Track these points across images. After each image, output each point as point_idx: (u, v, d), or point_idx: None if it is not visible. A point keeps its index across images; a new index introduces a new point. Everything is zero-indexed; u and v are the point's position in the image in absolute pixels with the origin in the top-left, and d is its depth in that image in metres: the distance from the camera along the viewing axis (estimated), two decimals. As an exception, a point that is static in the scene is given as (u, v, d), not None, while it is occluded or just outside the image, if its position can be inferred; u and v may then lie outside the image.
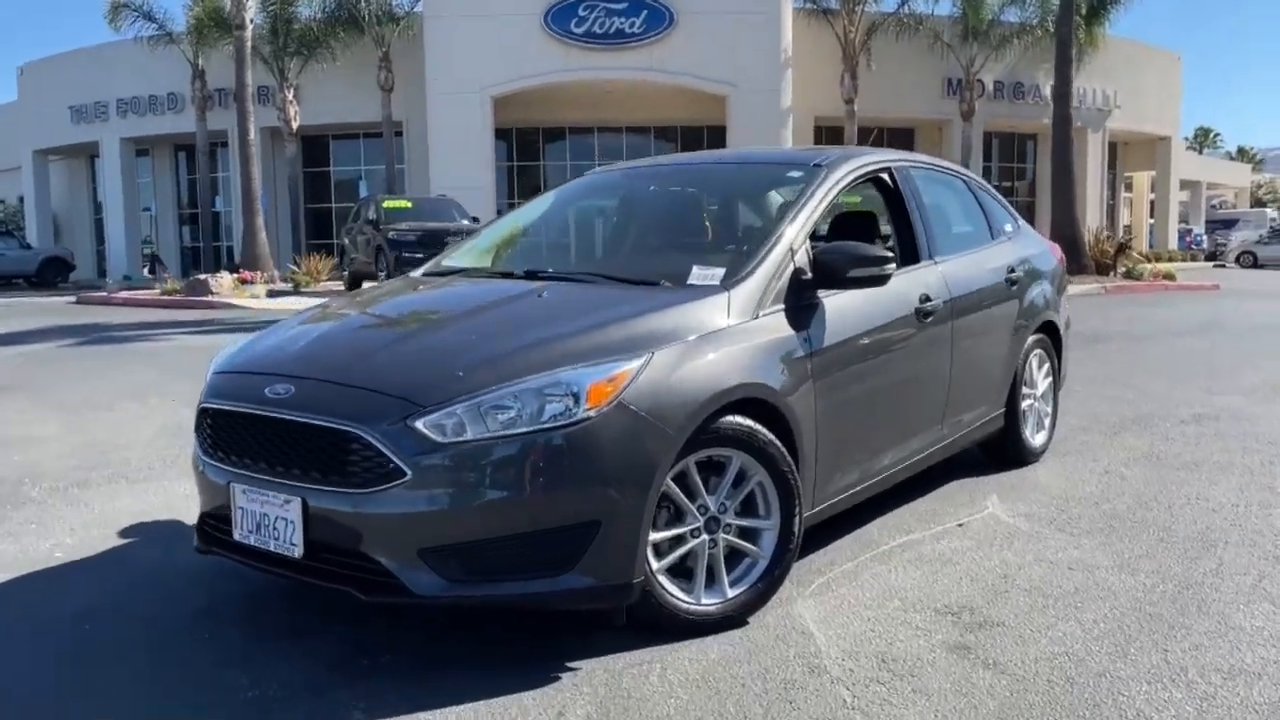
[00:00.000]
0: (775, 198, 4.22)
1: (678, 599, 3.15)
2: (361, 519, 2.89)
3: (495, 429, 2.86)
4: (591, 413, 2.89)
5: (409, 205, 20.49)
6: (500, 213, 32.02)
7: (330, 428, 2.95)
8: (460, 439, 2.85)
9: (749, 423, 3.24)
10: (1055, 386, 5.62)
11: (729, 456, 3.23)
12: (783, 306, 3.52)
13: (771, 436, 3.30)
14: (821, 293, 3.66)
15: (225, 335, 12.97)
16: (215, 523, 3.36)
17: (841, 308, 3.73)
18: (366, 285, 19.71)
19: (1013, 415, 5.10)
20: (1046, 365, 5.46)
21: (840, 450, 3.66)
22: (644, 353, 3.05)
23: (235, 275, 20.97)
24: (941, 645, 3.13)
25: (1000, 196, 5.64)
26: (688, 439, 3.05)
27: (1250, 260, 37.53)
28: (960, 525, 4.34)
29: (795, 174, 4.19)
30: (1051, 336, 5.51)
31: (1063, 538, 4.16)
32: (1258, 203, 60.20)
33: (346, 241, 21.80)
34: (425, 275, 4.28)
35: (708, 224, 4.38)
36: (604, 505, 2.91)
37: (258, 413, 3.12)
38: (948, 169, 5.11)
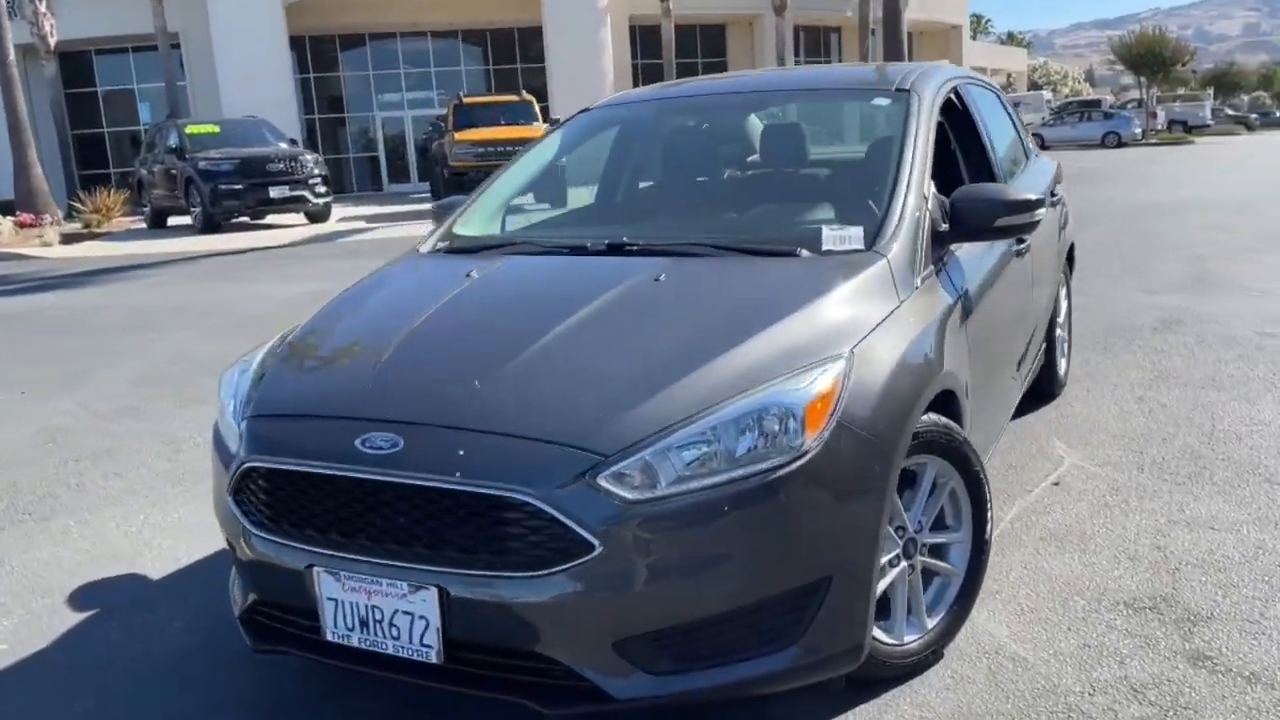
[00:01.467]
0: (863, 132, 3.59)
1: (881, 642, 2.58)
2: (533, 610, 2.16)
3: (696, 476, 2.17)
4: (811, 441, 2.24)
5: (216, 130, 18.48)
6: (310, 133, 29.81)
7: (477, 493, 2.19)
8: (653, 495, 2.15)
9: (945, 421, 2.68)
10: (1070, 310, 5.32)
11: (923, 464, 2.66)
12: (933, 270, 2.95)
13: (964, 433, 2.76)
14: (953, 246, 3.12)
15: (36, 296, 11.27)
16: (278, 613, 2.54)
17: (970, 260, 3.20)
18: (175, 222, 17.75)
19: (1050, 346, 4.76)
20: (1065, 288, 5.14)
21: (976, 423, 3.15)
22: (840, 352, 2.42)
23: (14, 220, 18.46)
24: (1179, 657, 2.71)
25: (1008, 106, 5.18)
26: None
27: (1039, 142, 39.47)
28: (1055, 484, 3.96)
29: (881, 101, 3.54)
30: (1069, 256, 5.19)
31: (1170, 488, 3.84)
32: (1033, 86, 63.36)
33: (144, 173, 19.54)
34: (450, 251, 3.43)
35: (794, 169, 3.69)
36: (835, 556, 2.30)
37: (354, 475, 2.31)
38: (985, 82, 4.57)
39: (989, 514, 2.82)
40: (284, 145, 18.62)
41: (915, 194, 3.04)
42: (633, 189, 3.79)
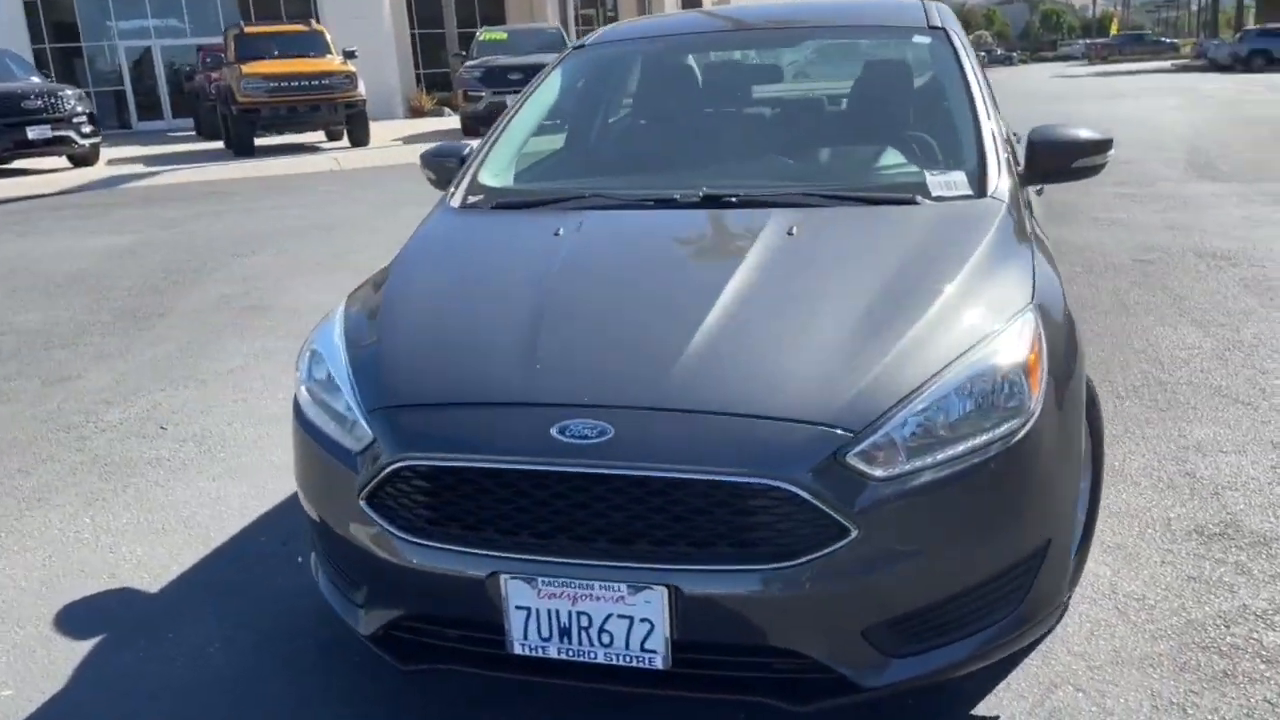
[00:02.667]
0: (913, 70, 3.48)
1: None
2: (781, 603, 1.97)
3: (936, 448, 2.03)
4: (1035, 401, 2.15)
5: None
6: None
7: (720, 481, 1.97)
8: (900, 471, 1.99)
9: None
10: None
11: (1079, 412, 2.63)
12: (1029, 213, 2.92)
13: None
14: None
15: None
16: (434, 628, 2.23)
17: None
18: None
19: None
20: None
21: None
22: (1025, 305, 2.34)
23: None
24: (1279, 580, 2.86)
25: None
26: None
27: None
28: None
29: (922, 39, 3.45)
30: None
31: (1159, 415, 4.05)
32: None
33: None
34: (501, 206, 3.08)
35: (855, 108, 3.52)
36: (1055, 516, 2.23)
37: (559, 469, 2.02)
38: None
39: (1103, 458, 2.84)
40: (36, 79, 16.59)
41: (1000, 136, 2.99)
42: (677, 131, 3.52)
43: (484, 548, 2.08)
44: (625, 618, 2.02)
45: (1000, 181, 2.81)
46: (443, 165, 3.51)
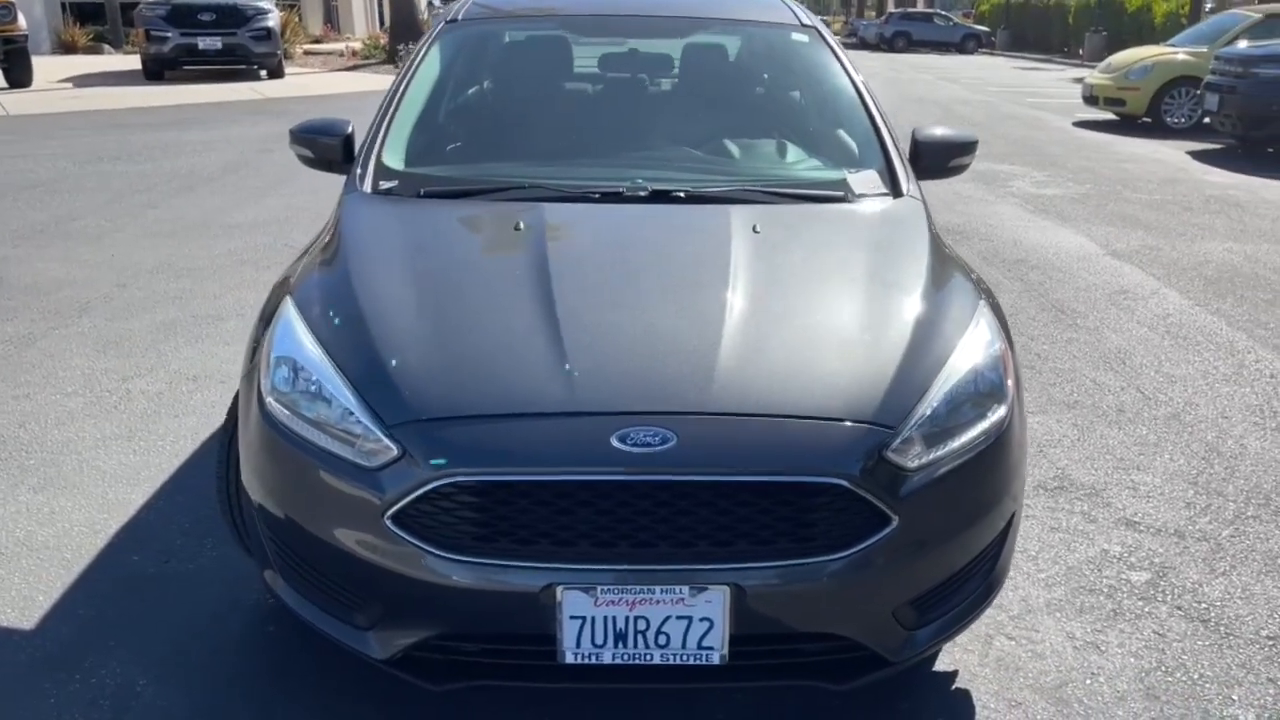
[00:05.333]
0: (790, 66, 3.64)
1: None
2: (831, 591, 2.10)
3: (948, 438, 2.24)
4: (1009, 387, 2.42)
5: None
6: None
7: (785, 482, 2.06)
8: (925, 461, 2.17)
9: None
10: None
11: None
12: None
13: None
14: None
15: None
16: (459, 645, 2.17)
17: None
18: None
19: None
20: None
21: None
22: (978, 299, 2.60)
23: None
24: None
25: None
26: None
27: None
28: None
29: (799, 37, 3.63)
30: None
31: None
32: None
33: None
34: (428, 195, 2.92)
35: (746, 102, 3.60)
36: (1018, 490, 2.51)
37: (625, 479, 2.03)
38: None
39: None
40: None
41: (891, 137, 3.24)
42: (582, 117, 3.46)
43: (539, 560, 2.05)
44: (684, 618, 2.07)
45: (910, 182, 3.06)
46: (318, 143, 3.29)
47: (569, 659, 2.09)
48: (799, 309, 2.46)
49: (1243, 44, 12.90)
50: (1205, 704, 2.50)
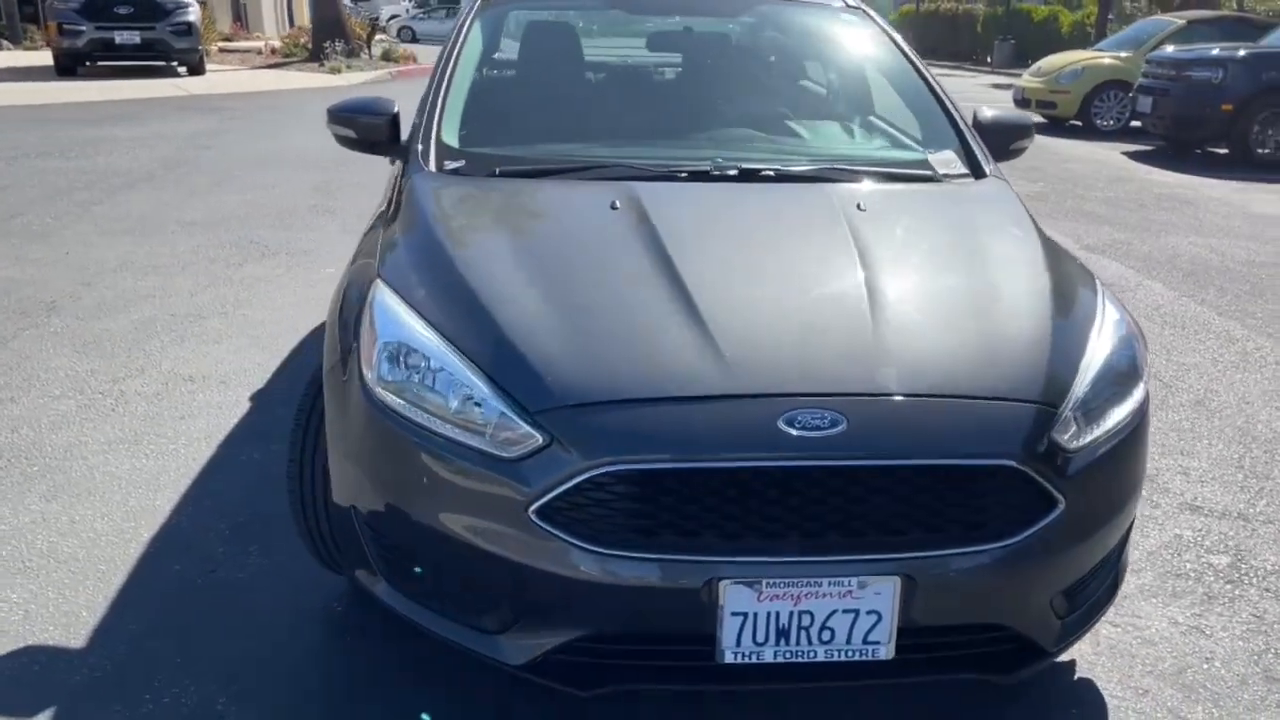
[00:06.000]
0: (855, 49, 3.56)
1: None
2: (999, 579, 2.01)
3: (1102, 421, 2.16)
4: (1145, 369, 2.36)
5: None
6: None
7: (961, 466, 1.96)
8: (1083, 443, 2.09)
9: None
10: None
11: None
12: None
13: None
14: None
15: None
16: (607, 647, 2.02)
17: None
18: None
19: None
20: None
21: None
22: (1092, 279, 2.56)
23: None
24: None
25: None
26: None
27: (411, 35, 39.88)
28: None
29: (849, 17, 3.55)
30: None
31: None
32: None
33: None
34: (503, 174, 2.75)
35: (805, 82, 3.50)
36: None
37: (794, 464, 1.90)
38: None
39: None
40: None
41: (960, 118, 3.18)
42: (646, 95, 3.32)
43: (701, 554, 1.92)
44: (850, 612, 1.96)
45: (990, 163, 3.00)
46: (362, 122, 3.09)
47: (728, 658, 1.97)
48: (935, 288, 2.38)
49: (1169, 49, 13.30)
50: (1324, 685, 2.48)
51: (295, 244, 6.52)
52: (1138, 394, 2.25)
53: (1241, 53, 11.83)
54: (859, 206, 2.62)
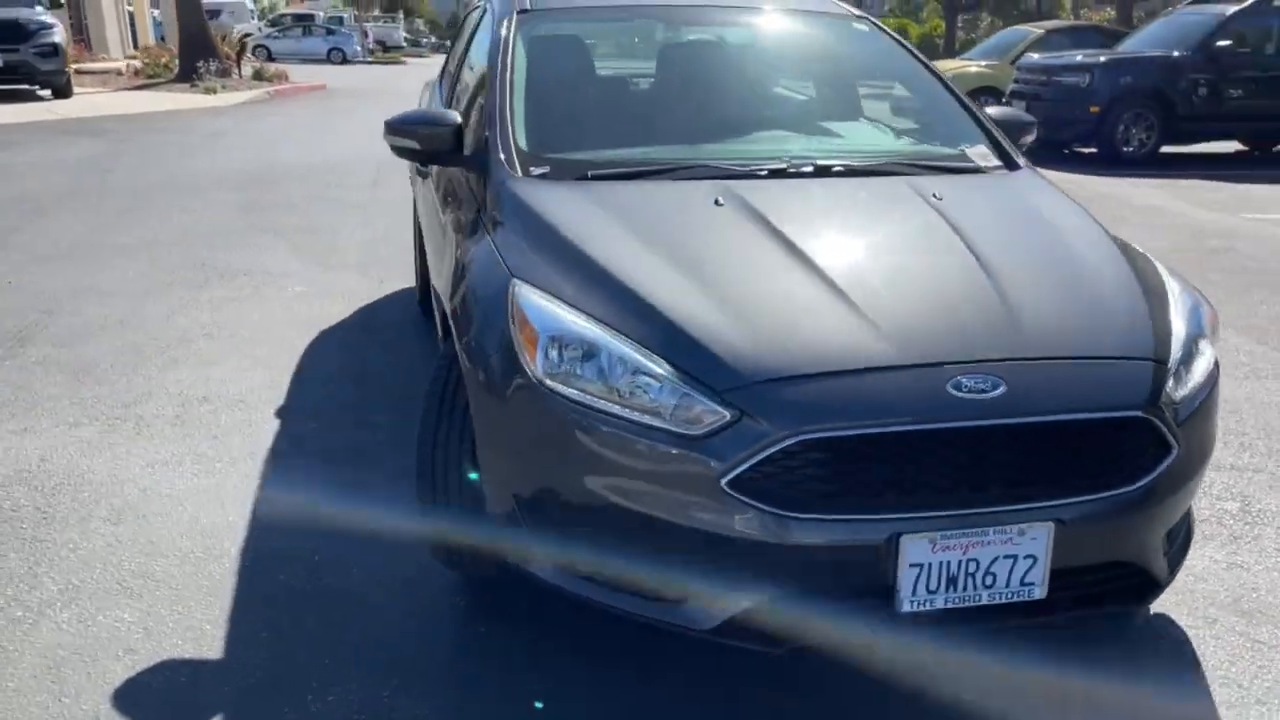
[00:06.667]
0: (861, 53, 3.81)
1: None
2: (1131, 518, 2.26)
3: (1192, 375, 2.44)
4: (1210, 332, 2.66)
5: None
6: None
7: (1102, 419, 2.20)
8: (1185, 393, 2.37)
9: None
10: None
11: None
12: None
13: None
14: None
15: None
16: (788, 606, 2.18)
17: None
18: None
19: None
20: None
21: None
22: (1141, 252, 2.86)
23: None
24: None
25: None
26: None
27: (267, 54, 38.82)
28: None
29: (860, 26, 3.80)
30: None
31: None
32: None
33: None
34: (595, 178, 2.87)
35: (841, 87, 3.71)
36: None
37: (967, 425, 2.11)
38: None
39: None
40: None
41: (982, 115, 3.47)
42: (694, 103, 3.46)
43: (885, 511, 2.11)
44: (1010, 557, 2.18)
45: (1020, 155, 3.29)
46: (424, 134, 3.16)
47: (906, 608, 2.16)
48: (1036, 262, 2.62)
49: (1036, 56, 14.20)
50: (1354, 603, 2.83)
51: (251, 265, 6.42)
52: (1210, 352, 2.54)
53: (1104, 58, 12.75)
54: (935, 195, 2.86)
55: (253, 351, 4.77)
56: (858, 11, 3.90)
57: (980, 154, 3.26)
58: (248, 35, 41.89)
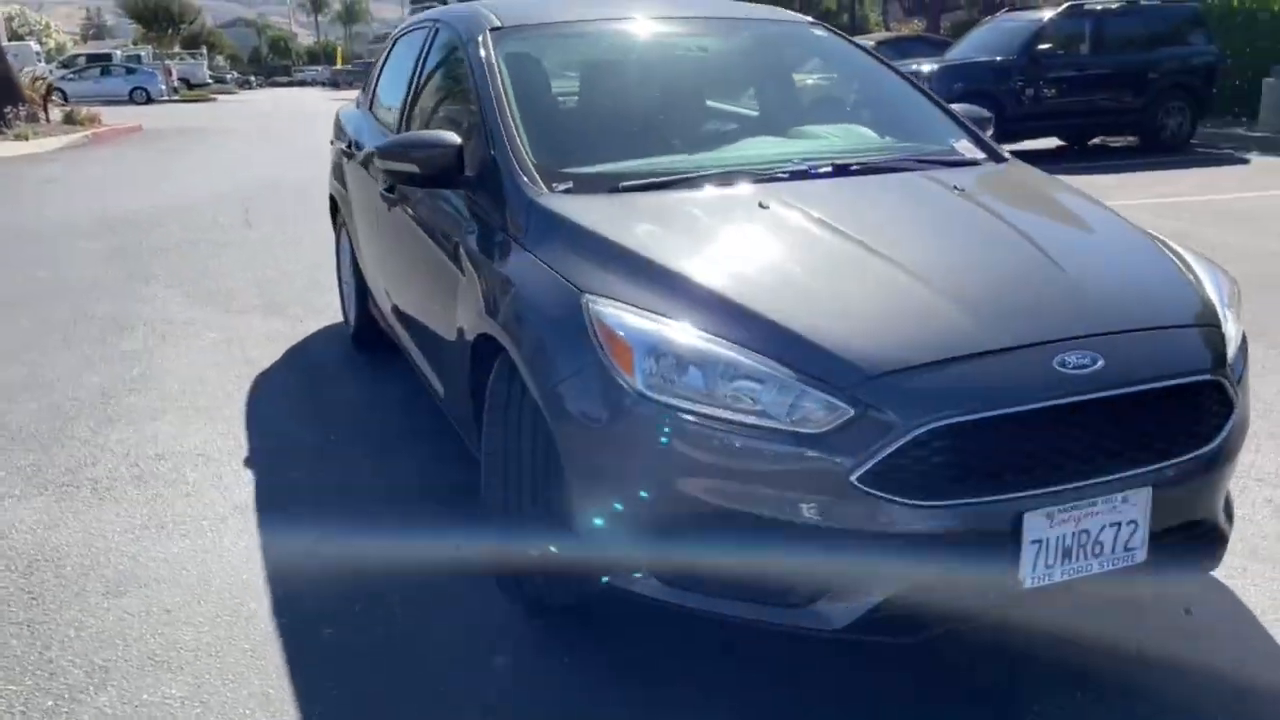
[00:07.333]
0: (833, 57, 3.89)
1: None
2: (1212, 475, 2.39)
3: (1234, 339, 2.58)
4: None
5: None
6: None
7: (1190, 384, 2.32)
8: (1232, 357, 2.49)
9: None
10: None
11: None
12: None
13: None
14: None
15: None
16: (917, 594, 2.19)
17: None
18: None
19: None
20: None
21: None
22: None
23: None
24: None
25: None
26: None
27: (63, 96, 36.54)
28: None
29: (820, 32, 3.90)
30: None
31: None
32: (14, 36, 57.16)
33: None
34: (626, 189, 2.82)
35: (824, 91, 3.75)
36: None
37: (1078, 399, 2.17)
38: None
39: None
40: None
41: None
42: (694, 111, 3.44)
43: (1008, 491, 2.15)
44: (1114, 525, 2.26)
45: (1000, 147, 3.43)
46: (423, 156, 3.04)
47: (1029, 584, 2.20)
48: (1080, 243, 2.75)
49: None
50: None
51: (149, 315, 6.01)
52: (1234, 316, 2.71)
53: (931, 67, 13.49)
54: (956, 187, 2.95)
55: (192, 403, 4.47)
56: (810, 18, 3.99)
57: (965, 148, 3.39)
58: (39, 78, 39.41)
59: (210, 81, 53.68)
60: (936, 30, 26.58)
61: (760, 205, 2.74)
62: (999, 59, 13.30)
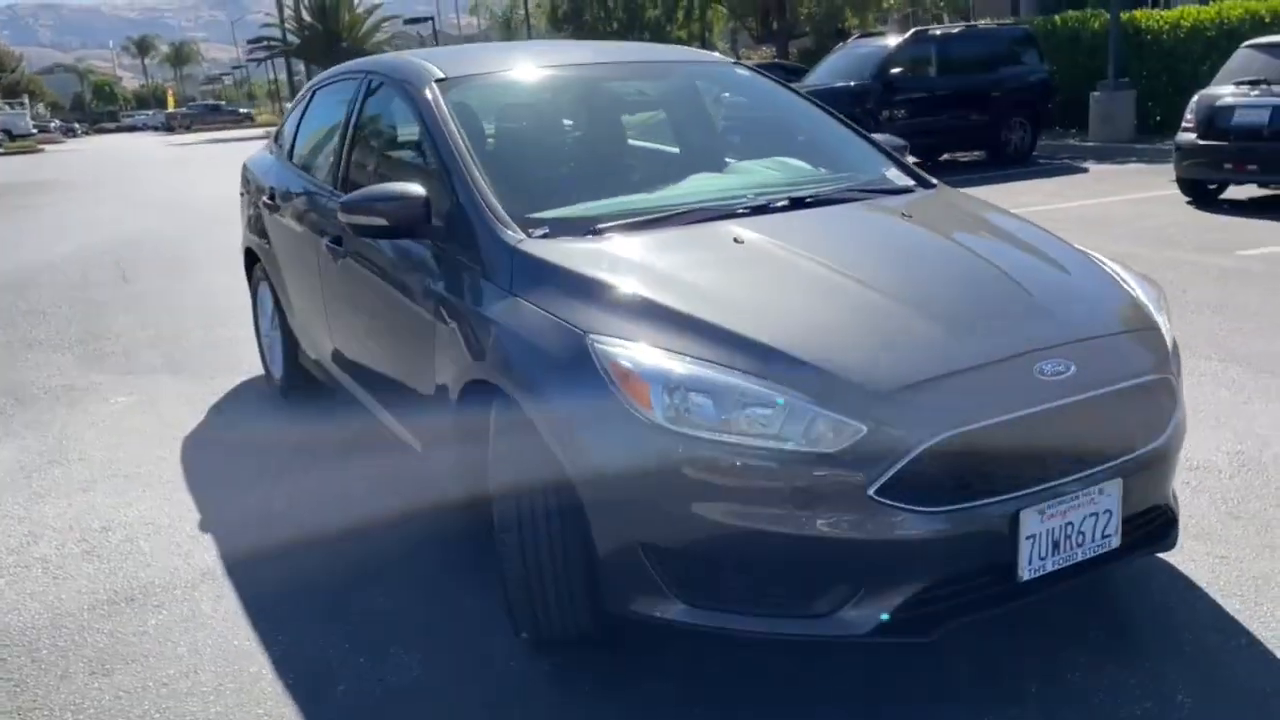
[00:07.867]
0: (757, 95, 4.08)
1: None
2: (1164, 466, 2.65)
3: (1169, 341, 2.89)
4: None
5: None
6: None
7: (1146, 383, 2.57)
8: (1171, 353, 2.79)
9: None
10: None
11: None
12: None
13: None
14: None
15: None
16: (929, 595, 2.36)
17: None
18: None
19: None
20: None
21: None
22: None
23: None
24: None
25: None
26: None
27: None
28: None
29: (743, 71, 4.10)
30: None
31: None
32: None
33: None
34: (598, 232, 2.91)
35: (756, 127, 3.90)
36: None
37: (1061, 402, 2.38)
38: None
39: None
40: None
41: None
42: (641, 151, 3.56)
43: (1006, 492, 2.35)
44: (1093, 515, 2.48)
45: (927, 174, 3.68)
46: (390, 209, 3.07)
47: (1025, 576, 2.41)
48: (1027, 260, 2.97)
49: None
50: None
51: (46, 382, 5.77)
52: (1165, 318, 3.00)
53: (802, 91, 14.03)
54: (904, 214, 3.17)
55: (124, 471, 4.33)
56: (731, 59, 4.19)
57: (896, 175, 3.62)
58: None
59: (35, 131, 51.11)
60: (785, 57, 27.53)
61: (735, 240, 2.89)
62: (854, 83, 13.92)
